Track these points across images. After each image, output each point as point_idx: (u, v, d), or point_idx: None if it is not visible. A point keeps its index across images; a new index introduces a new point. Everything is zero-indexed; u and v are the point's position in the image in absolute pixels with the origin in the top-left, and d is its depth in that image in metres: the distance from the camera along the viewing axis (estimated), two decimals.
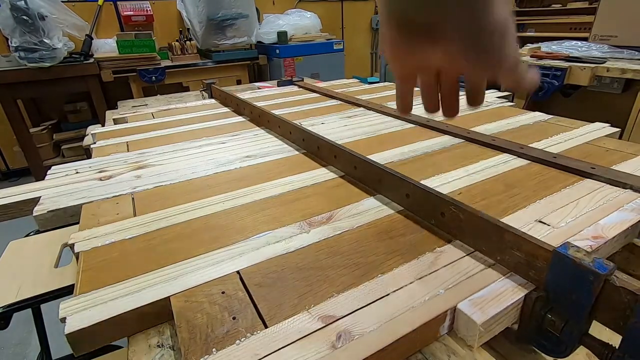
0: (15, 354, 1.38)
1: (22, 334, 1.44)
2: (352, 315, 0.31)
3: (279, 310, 0.33)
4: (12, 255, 0.77)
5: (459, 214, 0.39)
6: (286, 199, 0.55)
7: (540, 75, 1.80)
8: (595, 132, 0.75)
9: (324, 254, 0.41)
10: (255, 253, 0.42)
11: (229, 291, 0.35)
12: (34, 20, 1.98)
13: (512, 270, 0.35)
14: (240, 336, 0.30)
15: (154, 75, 2.53)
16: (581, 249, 0.29)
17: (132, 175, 0.67)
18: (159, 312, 0.35)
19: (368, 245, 0.42)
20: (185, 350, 0.28)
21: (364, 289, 0.35)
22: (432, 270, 0.37)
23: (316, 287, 0.35)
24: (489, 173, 0.59)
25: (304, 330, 0.30)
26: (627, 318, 0.27)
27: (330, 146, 0.64)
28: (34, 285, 0.67)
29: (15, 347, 1.41)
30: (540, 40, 2.32)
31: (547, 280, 0.31)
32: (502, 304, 0.32)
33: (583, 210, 0.46)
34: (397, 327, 0.30)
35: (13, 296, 0.64)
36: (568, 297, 0.29)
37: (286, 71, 2.89)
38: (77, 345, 0.32)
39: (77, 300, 0.35)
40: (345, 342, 0.28)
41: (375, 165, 0.53)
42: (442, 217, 0.42)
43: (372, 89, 1.33)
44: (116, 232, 0.48)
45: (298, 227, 0.47)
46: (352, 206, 0.51)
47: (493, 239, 0.36)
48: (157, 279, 0.38)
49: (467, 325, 0.31)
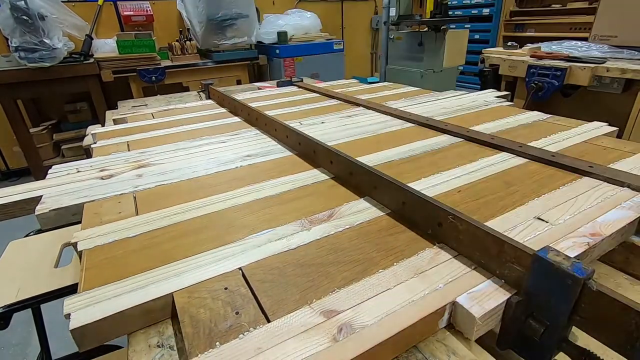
0: (15, 354, 1.38)
1: (22, 334, 1.44)
2: (353, 310, 0.32)
3: (281, 305, 0.33)
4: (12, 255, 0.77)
5: (457, 225, 0.39)
6: (287, 197, 0.55)
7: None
8: (593, 131, 0.76)
9: (325, 251, 0.41)
10: (257, 250, 0.42)
11: (231, 287, 0.36)
12: (34, 20, 1.99)
13: (512, 286, 0.34)
14: (243, 330, 0.30)
15: (154, 75, 2.53)
16: (561, 253, 0.30)
17: (134, 174, 0.67)
18: (162, 308, 0.35)
19: (369, 242, 0.43)
20: (189, 345, 0.29)
21: (365, 284, 0.35)
22: (431, 266, 0.38)
23: (317, 283, 0.36)
24: (489, 171, 0.59)
25: (306, 324, 0.30)
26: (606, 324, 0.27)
27: (326, 151, 0.63)
28: (34, 285, 0.67)
29: (15, 347, 1.41)
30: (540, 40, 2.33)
31: (528, 285, 0.31)
32: (500, 298, 0.32)
33: (581, 208, 0.46)
34: (397, 320, 0.30)
35: (13, 296, 0.65)
36: (547, 302, 0.30)
37: (286, 71, 2.90)
38: (82, 341, 0.33)
39: (81, 297, 0.35)
40: (347, 335, 0.29)
41: (371, 172, 0.52)
42: (440, 227, 0.42)
43: (372, 89, 1.34)
44: (119, 231, 0.48)
45: (299, 225, 0.47)
46: (353, 204, 0.52)
47: (492, 252, 0.35)
48: (160, 276, 0.38)
49: (465, 318, 0.31)
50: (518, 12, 3.76)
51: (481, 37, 3.93)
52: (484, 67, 2.18)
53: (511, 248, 0.33)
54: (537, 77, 1.85)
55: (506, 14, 3.72)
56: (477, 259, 0.37)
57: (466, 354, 0.31)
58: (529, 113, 0.91)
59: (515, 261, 0.33)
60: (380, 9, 3.66)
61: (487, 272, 0.36)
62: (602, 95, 1.74)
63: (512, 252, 0.33)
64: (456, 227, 0.39)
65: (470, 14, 3.95)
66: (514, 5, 3.78)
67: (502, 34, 3.82)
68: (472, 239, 0.37)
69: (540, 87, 1.85)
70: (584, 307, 0.28)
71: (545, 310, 0.30)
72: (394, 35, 3.21)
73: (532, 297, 0.31)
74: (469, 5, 4.02)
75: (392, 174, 0.51)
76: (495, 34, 3.80)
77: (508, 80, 2.11)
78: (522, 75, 1.99)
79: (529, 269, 0.31)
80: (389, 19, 3.07)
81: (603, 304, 0.27)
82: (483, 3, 3.87)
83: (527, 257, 0.31)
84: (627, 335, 0.26)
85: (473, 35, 3.89)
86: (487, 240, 0.35)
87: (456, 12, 4.06)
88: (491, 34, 3.84)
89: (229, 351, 0.28)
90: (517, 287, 0.33)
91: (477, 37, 3.95)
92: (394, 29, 3.24)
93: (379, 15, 3.95)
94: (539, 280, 0.30)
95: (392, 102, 1.08)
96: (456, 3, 4.09)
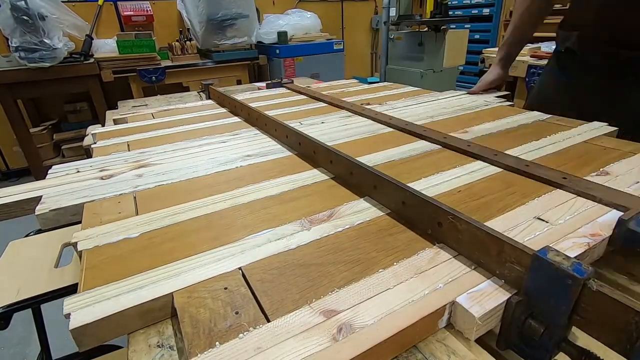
0: (15, 354, 1.38)
1: (22, 334, 1.44)
2: (353, 309, 0.32)
3: (281, 305, 0.33)
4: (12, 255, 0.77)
5: (457, 224, 0.39)
6: (287, 197, 0.56)
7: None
8: (593, 131, 0.76)
9: (325, 251, 0.41)
10: (257, 250, 0.42)
11: (231, 287, 0.36)
12: (34, 20, 1.99)
13: (512, 286, 0.34)
14: (243, 330, 0.30)
15: (154, 75, 2.53)
16: (561, 253, 0.30)
17: (134, 174, 0.67)
18: (161, 308, 0.35)
19: (369, 242, 0.43)
20: (189, 344, 0.29)
21: (365, 284, 0.35)
22: (431, 265, 0.38)
23: (317, 283, 0.36)
24: (488, 172, 0.59)
25: (305, 324, 0.30)
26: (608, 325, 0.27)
27: (326, 151, 0.63)
28: (34, 285, 0.67)
29: (15, 347, 1.41)
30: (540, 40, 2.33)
31: (527, 285, 0.31)
32: (500, 298, 0.32)
33: (581, 209, 0.46)
34: (396, 320, 0.30)
35: (13, 296, 0.65)
36: (547, 302, 0.30)
37: (286, 71, 2.90)
38: (81, 341, 0.33)
39: (81, 296, 0.36)
40: (346, 335, 0.29)
41: (371, 172, 0.52)
42: (440, 227, 0.41)
43: (372, 89, 1.34)
44: (119, 231, 0.48)
45: (299, 225, 0.47)
46: (353, 204, 0.52)
47: (492, 253, 0.35)
48: (160, 276, 0.38)
49: (465, 318, 0.31)
50: None
51: (481, 37, 3.93)
52: (484, 67, 2.18)
53: (511, 248, 0.33)
54: (537, 77, 1.85)
55: (506, 14, 3.72)
56: (476, 258, 0.37)
57: (466, 354, 0.30)
58: (530, 113, 0.91)
59: (515, 261, 0.33)
60: (380, 9, 3.66)
61: (487, 272, 0.36)
62: None
63: (512, 252, 0.33)
64: (456, 227, 0.39)
65: (470, 14, 3.95)
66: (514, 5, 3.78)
67: (502, 34, 3.82)
68: (471, 238, 0.37)
69: None
70: (584, 307, 0.28)
71: (545, 310, 0.30)
72: (394, 35, 3.21)
73: (532, 297, 0.31)
74: (469, 5, 4.02)
75: (392, 173, 0.51)
76: (495, 34, 3.80)
77: (508, 80, 2.11)
78: (522, 75, 1.99)
79: (528, 268, 0.31)
80: (389, 19, 3.06)
81: (603, 304, 0.27)
82: (483, 3, 3.87)
83: (527, 257, 0.31)
84: (627, 335, 0.26)
85: (473, 35, 3.89)
86: (486, 240, 0.35)
87: (456, 12, 4.06)
88: (491, 34, 3.83)
89: (228, 351, 0.28)
90: (517, 287, 0.33)
91: (477, 37, 3.95)
92: (394, 29, 3.23)
93: (379, 15, 3.95)
94: (539, 280, 0.30)
95: (392, 102, 1.09)
96: (456, 3, 4.09)
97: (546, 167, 0.57)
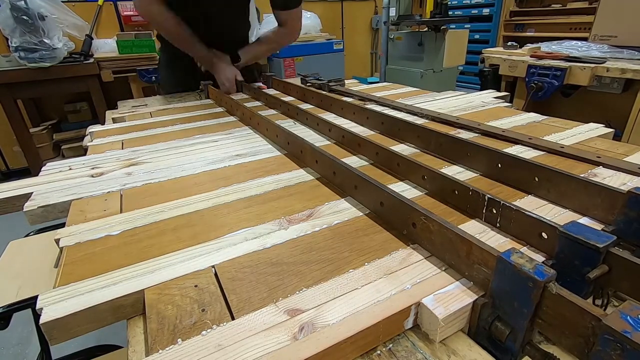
0: (15, 354, 1.39)
1: (22, 334, 1.45)
2: (318, 309, 0.32)
3: (247, 303, 0.33)
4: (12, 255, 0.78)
5: (430, 225, 0.39)
6: (270, 197, 0.56)
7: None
8: (588, 132, 0.75)
9: (299, 250, 0.42)
10: (232, 249, 0.42)
11: (202, 285, 0.36)
12: (34, 20, 2.00)
13: (480, 288, 0.34)
14: (206, 327, 0.31)
15: (154, 75, 2.54)
16: (524, 255, 0.30)
17: (123, 173, 0.68)
18: (133, 304, 0.36)
19: (343, 242, 0.43)
20: (152, 340, 0.29)
21: (333, 284, 0.35)
22: (402, 266, 0.38)
23: (287, 282, 0.36)
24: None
25: (268, 323, 0.31)
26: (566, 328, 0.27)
27: (312, 150, 0.64)
28: (34, 285, 0.68)
29: (15, 347, 1.41)
30: (540, 40, 2.31)
31: (493, 287, 0.31)
32: (465, 300, 0.32)
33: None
34: (359, 319, 0.30)
35: (13, 296, 0.65)
36: (511, 304, 0.30)
37: (286, 71, 2.91)
38: (52, 335, 0.33)
39: (55, 292, 0.36)
40: (307, 334, 0.29)
41: (352, 172, 0.52)
42: (414, 228, 0.41)
43: (372, 89, 1.33)
44: (101, 228, 0.49)
45: (277, 224, 0.47)
46: (333, 204, 0.52)
47: (461, 254, 0.35)
48: (134, 272, 0.39)
49: (430, 319, 0.31)
50: (518, 12, 3.74)
51: (481, 37, 3.92)
52: (484, 67, 2.17)
53: (478, 249, 0.33)
54: (537, 77, 1.84)
55: (506, 14, 3.70)
56: (448, 260, 0.37)
57: (466, 354, 0.31)
58: (525, 114, 0.90)
59: (482, 263, 0.33)
60: (380, 9, 3.65)
61: (457, 274, 0.36)
62: (602, 95, 1.73)
63: (479, 253, 0.33)
64: (428, 228, 0.39)
65: (470, 14, 3.93)
66: (514, 5, 3.76)
67: (502, 34, 3.80)
68: (442, 240, 0.37)
69: (540, 87, 1.84)
70: (545, 310, 0.28)
71: (510, 312, 0.30)
72: (394, 35, 3.21)
73: (497, 299, 0.31)
74: (469, 5, 4.01)
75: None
76: (495, 34, 3.78)
77: (508, 80, 2.10)
78: (522, 75, 1.98)
79: (493, 270, 0.31)
80: (389, 19, 3.06)
81: (562, 307, 0.27)
82: (483, 3, 3.86)
83: (492, 259, 0.32)
84: (585, 340, 0.26)
85: (473, 35, 3.87)
86: (456, 241, 0.36)
87: (456, 12, 4.05)
88: (491, 34, 3.82)
89: (189, 347, 0.29)
90: (484, 289, 0.33)
91: (477, 37, 3.93)
92: (394, 29, 3.23)
93: (379, 15, 3.94)
94: (503, 283, 0.30)
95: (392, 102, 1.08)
96: (456, 3, 4.07)
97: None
